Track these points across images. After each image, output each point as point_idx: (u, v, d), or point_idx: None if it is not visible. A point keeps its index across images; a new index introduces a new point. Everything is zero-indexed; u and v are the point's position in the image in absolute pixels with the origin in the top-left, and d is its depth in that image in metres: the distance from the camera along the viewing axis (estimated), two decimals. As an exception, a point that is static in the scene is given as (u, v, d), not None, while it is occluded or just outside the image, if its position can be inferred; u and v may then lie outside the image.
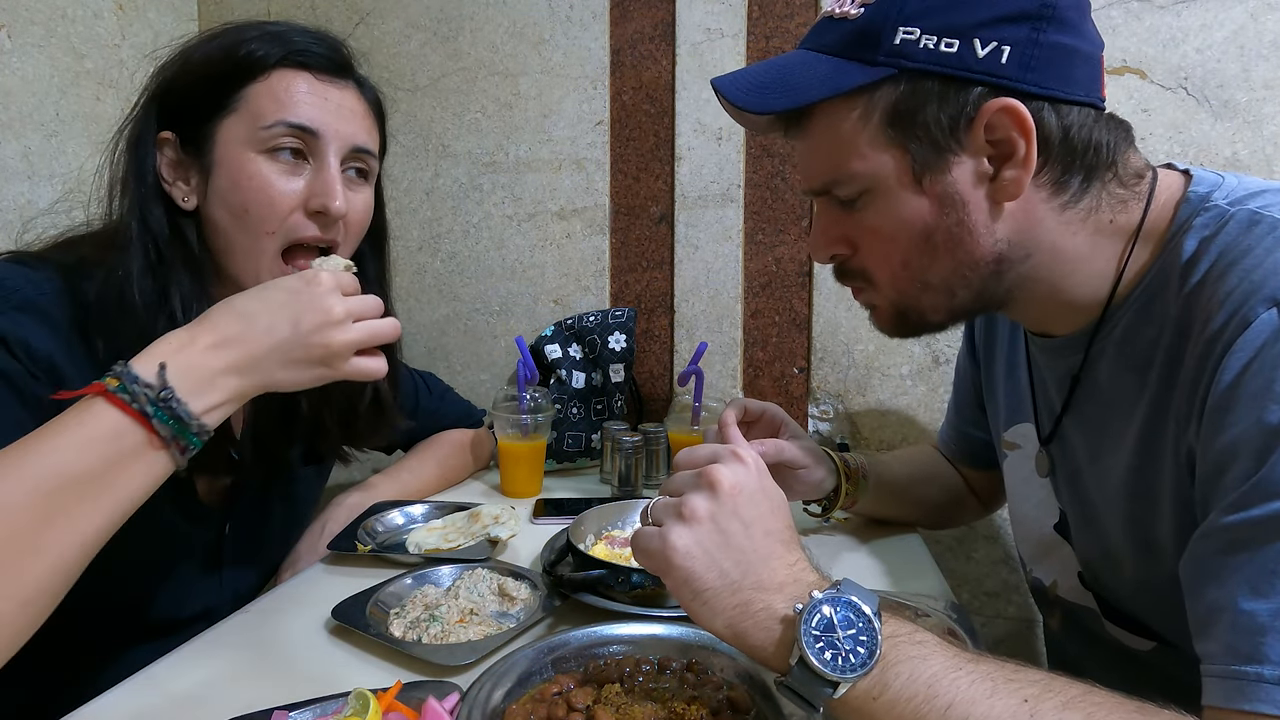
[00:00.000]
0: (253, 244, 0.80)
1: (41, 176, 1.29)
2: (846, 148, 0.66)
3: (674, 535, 0.56)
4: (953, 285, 0.68)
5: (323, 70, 0.83)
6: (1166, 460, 0.63)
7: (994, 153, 0.63)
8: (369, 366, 0.73)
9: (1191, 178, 0.67)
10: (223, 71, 0.79)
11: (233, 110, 0.79)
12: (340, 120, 0.83)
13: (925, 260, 0.67)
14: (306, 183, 0.81)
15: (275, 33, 0.82)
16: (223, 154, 0.79)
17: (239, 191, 0.79)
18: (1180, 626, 0.57)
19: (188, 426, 0.63)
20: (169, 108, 0.81)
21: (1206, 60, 1.22)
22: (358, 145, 0.85)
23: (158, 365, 0.63)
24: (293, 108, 0.80)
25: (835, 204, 0.70)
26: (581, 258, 1.50)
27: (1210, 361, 0.56)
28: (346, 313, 0.70)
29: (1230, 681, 0.49)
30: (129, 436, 0.62)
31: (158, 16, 1.51)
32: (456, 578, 0.86)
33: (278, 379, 0.69)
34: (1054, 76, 0.62)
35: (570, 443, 1.38)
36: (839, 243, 0.72)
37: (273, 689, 0.68)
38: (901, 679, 0.50)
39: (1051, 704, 0.48)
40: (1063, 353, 0.75)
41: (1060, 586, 0.83)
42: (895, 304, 0.72)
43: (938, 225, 0.65)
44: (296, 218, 0.81)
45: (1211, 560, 0.53)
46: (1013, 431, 0.88)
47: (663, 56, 1.43)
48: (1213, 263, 0.60)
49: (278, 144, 0.79)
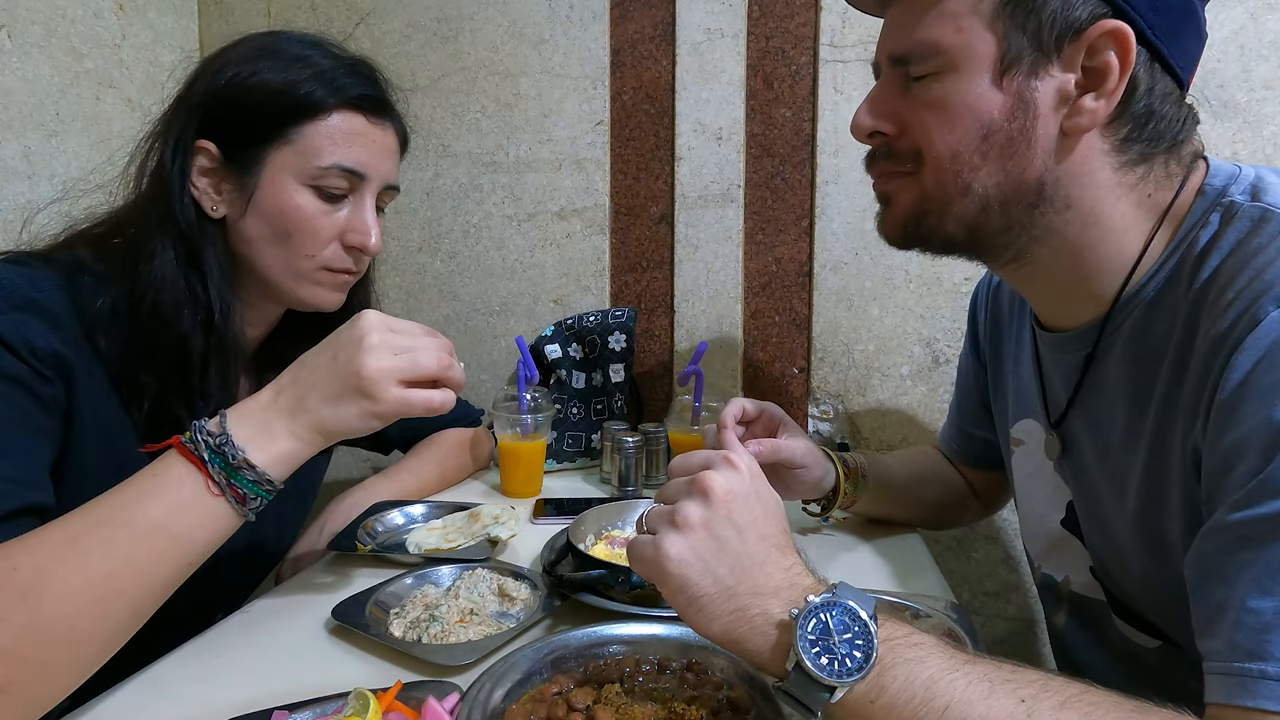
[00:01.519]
0: (289, 261, 0.85)
1: (41, 176, 1.29)
2: (950, 16, 0.64)
3: (668, 543, 0.56)
4: (989, 198, 0.66)
5: (374, 112, 0.87)
6: (1174, 457, 0.63)
7: (1083, 78, 0.63)
8: (420, 397, 0.69)
9: (1209, 168, 0.67)
10: (282, 106, 0.82)
11: (288, 142, 0.83)
12: (380, 161, 0.88)
13: (976, 158, 0.65)
14: (345, 218, 0.87)
15: (333, 72, 0.84)
16: (270, 179, 0.83)
17: (284, 219, 0.83)
18: (1185, 626, 0.57)
19: (242, 473, 0.65)
20: (215, 120, 0.83)
21: (1206, 60, 1.21)
22: (391, 183, 0.90)
23: (221, 415, 0.67)
24: (348, 151, 0.84)
25: (900, 79, 0.68)
26: (581, 258, 1.50)
27: (1219, 359, 0.56)
28: (381, 341, 0.68)
29: (1234, 678, 0.49)
30: (189, 484, 0.64)
31: (158, 16, 1.51)
32: (456, 578, 0.86)
33: (324, 417, 0.68)
34: (1171, 34, 0.63)
35: (570, 443, 1.38)
36: (889, 118, 0.69)
37: (273, 689, 0.68)
38: (898, 682, 0.50)
39: (1048, 704, 0.48)
40: (1070, 347, 0.74)
41: (1073, 582, 0.83)
42: (922, 199, 0.69)
43: (1001, 126, 0.64)
44: (334, 249, 0.87)
45: (1217, 557, 0.53)
46: (1019, 427, 0.88)
47: (663, 56, 1.43)
48: (1224, 259, 0.60)
49: (328, 184, 0.84)
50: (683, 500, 0.58)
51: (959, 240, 0.69)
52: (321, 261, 0.86)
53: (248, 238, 0.85)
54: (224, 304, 0.82)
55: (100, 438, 0.78)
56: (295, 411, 0.68)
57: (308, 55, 0.84)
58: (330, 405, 0.68)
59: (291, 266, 0.86)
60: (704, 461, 0.61)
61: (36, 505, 0.69)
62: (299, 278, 0.86)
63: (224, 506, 0.65)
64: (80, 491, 0.72)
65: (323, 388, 0.68)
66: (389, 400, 0.68)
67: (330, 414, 0.68)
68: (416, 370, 0.70)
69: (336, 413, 0.68)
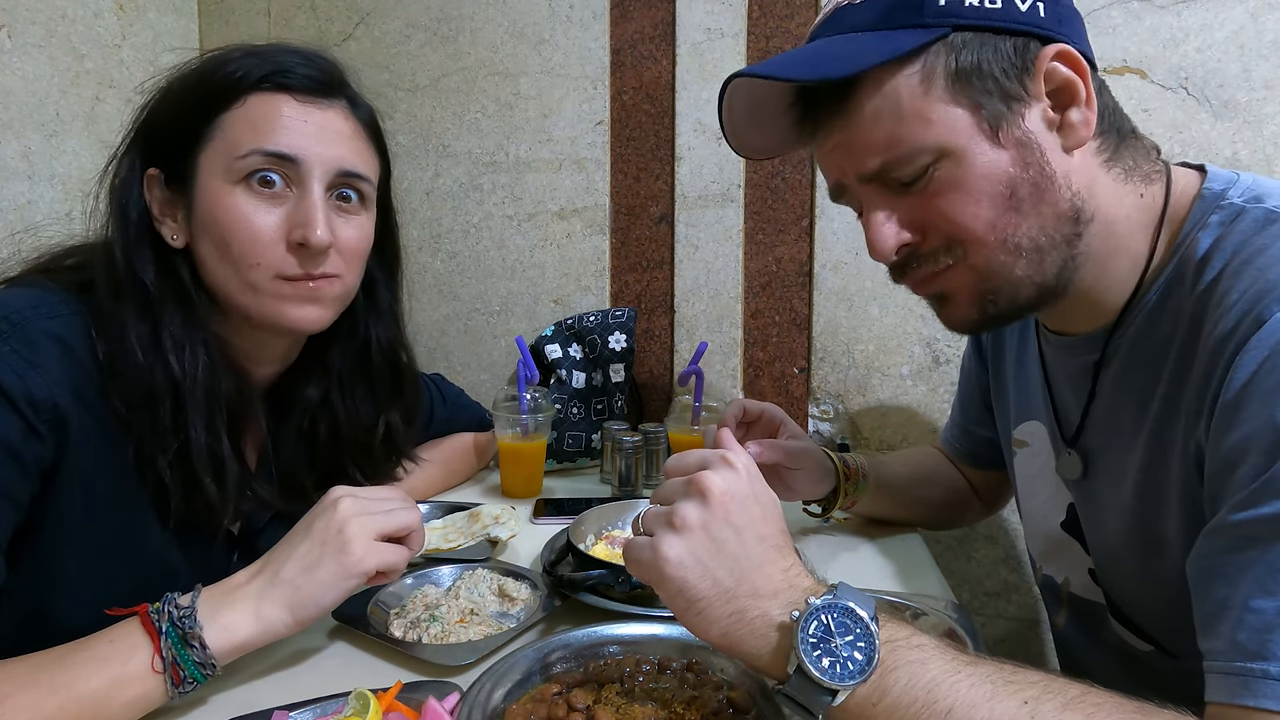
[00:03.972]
0: (242, 277, 0.75)
1: (41, 176, 1.29)
2: (910, 117, 0.63)
3: (665, 545, 0.56)
4: (1041, 246, 0.64)
5: (305, 91, 0.76)
6: (1175, 457, 0.63)
7: (1054, 101, 0.64)
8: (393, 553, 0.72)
9: (1206, 174, 0.67)
10: (200, 98, 0.75)
11: (210, 140, 0.74)
12: (323, 144, 0.76)
13: (1013, 218, 0.63)
14: (288, 213, 0.75)
15: (255, 52, 0.77)
16: (203, 186, 0.74)
17: (219, 226, 0.74)
18: (1178, 632, 0.57)
19: (190, 652, 0.63)
20: (153, 142, 0.77)
21: (1206, 60, 1.22)
22: (345, 169, 0.78)
23: (196, 589, 0.66)
24: (269, 134, 0.74)
25: (887, 190, 0.66)
26: (581, 258, 1.50)
27: (1222, 360, 0.56)
28: (354, 503, 0.71)
29: (1235, 678, 0.49)
30: (137, 658, 0.62)
31: (158, 16, 1.51)
32: (456, 578, 0.86)
33: (298, 586, 0.68)
34: (1077, 33, 0.65)
35: (570, 443, 1.38)
36: (906, 227, 0.66)
37: (273, 689, 0.68)
38: (900, 684, 0.50)
39: (1052, 705, 0.48)
40: (1078, 350, 0.74)
41: (1073, 583, 0.83)
42: (981, 283, 0.66)
43: (1020, 177, 0.63)
44: (279, 251, 0.75)
45: (1219, 557, 0.53)
46: (1022, 429, 0.87)
47: (663, 56, 1.43)
48: (1227, 261, 0.60)
49: (255, 174, 0.74)
50: (680, 501, 0.58)
51: (1033, 300, 0.67)
52: (272, 269, 0.75)
53: (203, 262, 0.76)
54: (180, 345, 0.74)
55: (89, 493, 0.72)
56: (266, 590, 0.67)
57: (231, 53, 0.77)
58: (307, 572, 0.68)
59: (244, 280, 0.75)
60: (700, 461, 0.60)
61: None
62: (256, 292, 0.75)
63: (159, 687, 0.62)
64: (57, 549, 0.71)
65: (301, 555, 0.69)
66: (364, 554, 0.69)
67: (305, 580, 0.68)
68: (391, 523, 0.72)
69: (311, 578, 0.68)
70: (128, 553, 0.76)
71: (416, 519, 0.75)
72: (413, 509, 0.76)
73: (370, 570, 0.70)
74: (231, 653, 0.65)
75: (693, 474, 0.59)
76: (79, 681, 0.59)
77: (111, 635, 0.63)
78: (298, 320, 0.78)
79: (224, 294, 0.77)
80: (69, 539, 0.72)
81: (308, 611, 0.67)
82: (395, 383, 0.94)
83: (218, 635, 0.64)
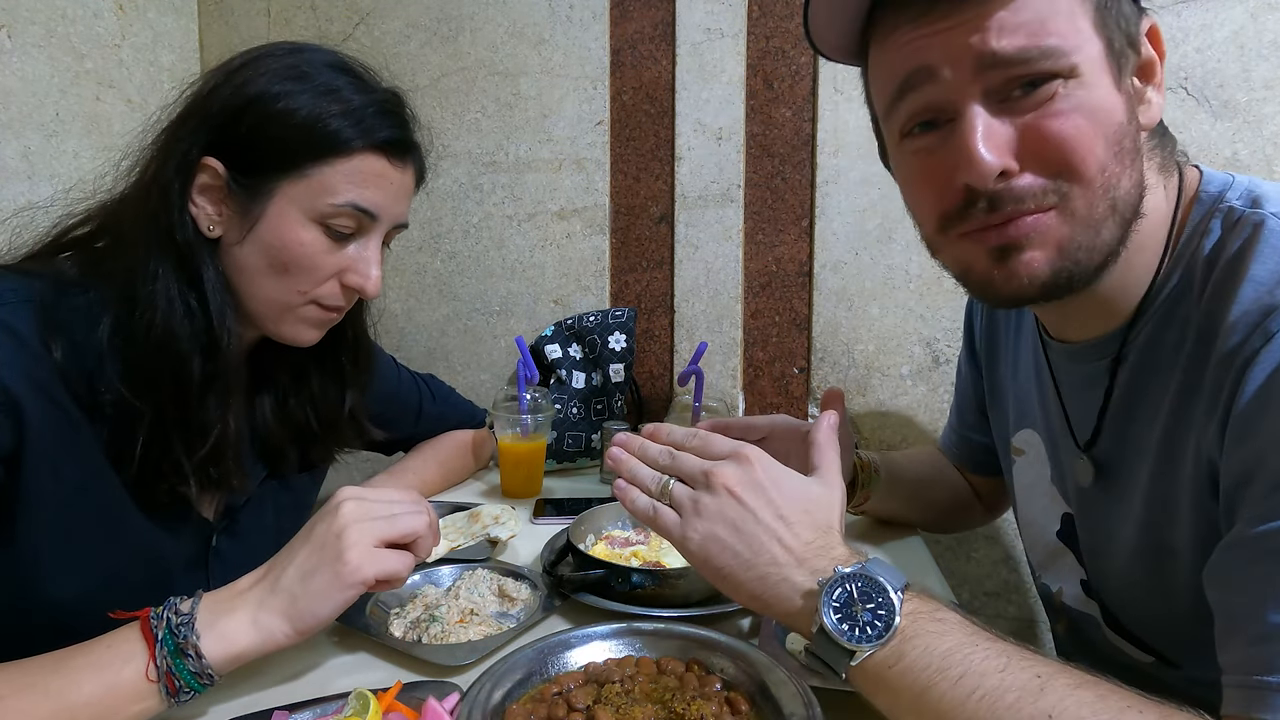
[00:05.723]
0: (282, 297, 0.80)
1: (41, 176, 1.29)
2: (1064, 12, 0.57)
3: (690, 529, 0.62)
4: (1123, 213, 0.60)
5: (397, 153, 0.82)
6: (1186, 468, 0.63)
7: (1139, 75, 0.62)
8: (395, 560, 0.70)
9: (1202, 174, 0.67)
10: (305, 141, 0.76)
11: (302, 176, 0.77)
12: (397, 202, 0.83)
13: (1117, 169, 0.58)
14: (347, 257, 0.81)
15: (363, 111, 0.78)
16: (278, 211, 0.77)
17: (285, 253, 0.77)
18: (1181, 642, 0.57)
19: (185, 661, 0.61)
20: (228, 139, 0.76)
21: (1206, 60, 1.22)
22: (403, 223, 0.86)
23: (197, 595, 0.65)
24: (363, 192, 0.79)
25: (998, 97, 0.58)
26: (581, 258, 1.50)
27: (1232, 373, 0.56)
28: (359, 506, 0.69)
29: (1252, 691, 0.49)
30: (132, 665, 0.61)
31: (158, 16, 1.51)
32: (456, 578, 0.86)
33: (295, 595, 0.66)
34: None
35: (570, 443, 1.38)
36: (1009, 151, 0.58)
37: (273, 689, 0.68)
38: (917, 651, 0.53)
39: (1063, 681, 0.49)
40: (1090, 355, 0.72)
41: (1065, 594, 0.82)
42: (1075, 234, 0.59)
43: (1127, 130, 0.59)
44: (330, 286, 0.81)
45: (1236, 570, 0.54)
46: (1019, 437, 0.87)
47: (663, 56, 1.43)
48: (1233, 271, 0.59)
49: (338, 223, 0.79)
50: (701, 492, 0.64)
51: (1090, 275, 0.61)
52: (313, 298, 0.81)
53: (241, 265, 0.78)
54: (228, 328, 0.77)
55: (59, 480, 0.72)
56: (266, 598, 0.66)
57: (338, 88, 0.78)
58: (304, 581, 0.66)
59: (281, 300, 0.80)
60: (720, 452, 0.65)
61: None
62: (285, 311, 0.81)
63: (154, 695, 0.61)
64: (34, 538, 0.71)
65: (299, 562, 0.67)
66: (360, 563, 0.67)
67: (302, 590, 0.65)
68: (395, 529, 0.70)
69: (308, 588, 0.66)
70: (106, 538, 0.76)
71: (423, 524, 0.72)
72: (421, 513, 0.72)
73: (368, 579, 0.67)
74: (230, 662, 0.63)
75: (710, 468, 0.64)
76: (73, 688, 0.59)
77: (110, 641, 0.62)
78: (301, 339, 0.84)
79: (248, 294, 0.80)
80: (45, 526, 0.72)
81: (306, 622, 0.65)
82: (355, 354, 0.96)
83: (215, 644, 0.63)
